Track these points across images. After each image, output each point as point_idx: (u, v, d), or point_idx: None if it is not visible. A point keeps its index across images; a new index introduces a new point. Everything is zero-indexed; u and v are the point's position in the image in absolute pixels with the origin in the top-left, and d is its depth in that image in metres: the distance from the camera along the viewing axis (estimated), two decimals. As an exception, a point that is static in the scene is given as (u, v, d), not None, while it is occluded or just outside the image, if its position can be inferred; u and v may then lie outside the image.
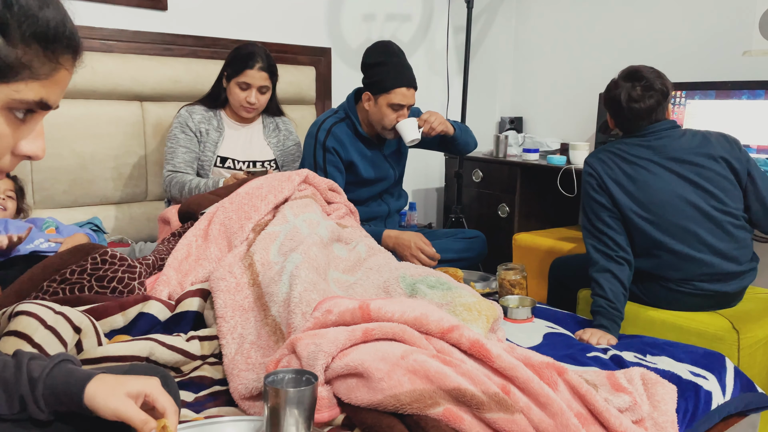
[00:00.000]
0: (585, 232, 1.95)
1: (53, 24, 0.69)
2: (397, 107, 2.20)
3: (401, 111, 2.22)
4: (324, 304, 1.21)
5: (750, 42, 2.65)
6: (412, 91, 2.22)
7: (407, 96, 2.20)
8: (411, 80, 2.22)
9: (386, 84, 2.19)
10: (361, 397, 1.02)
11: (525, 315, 1.81)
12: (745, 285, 1.91)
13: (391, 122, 2.22)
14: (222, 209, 1.80)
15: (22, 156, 0.75)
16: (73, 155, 2.30)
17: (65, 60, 0.71)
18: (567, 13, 3.31)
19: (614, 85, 1.95)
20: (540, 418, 1.01)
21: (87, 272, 1.48)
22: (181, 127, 2.28)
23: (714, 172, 1.86)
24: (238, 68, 2.23)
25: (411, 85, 2.22)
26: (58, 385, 0.84)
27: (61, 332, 1.18)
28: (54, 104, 0.73)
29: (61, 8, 0.70)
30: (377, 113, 2.24)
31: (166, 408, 0.86)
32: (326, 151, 2.26)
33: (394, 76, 2.19)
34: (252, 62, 2.22)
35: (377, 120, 2.26)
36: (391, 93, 2.18)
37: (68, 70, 0.72)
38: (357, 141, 2.33)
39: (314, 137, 2.28)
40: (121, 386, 0.84)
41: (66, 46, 0.71)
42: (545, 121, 3.49)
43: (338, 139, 2.28)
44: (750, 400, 1.52)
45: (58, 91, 0.73)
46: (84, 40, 2.47)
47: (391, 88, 2.18)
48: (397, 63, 2.21)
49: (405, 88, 2.19)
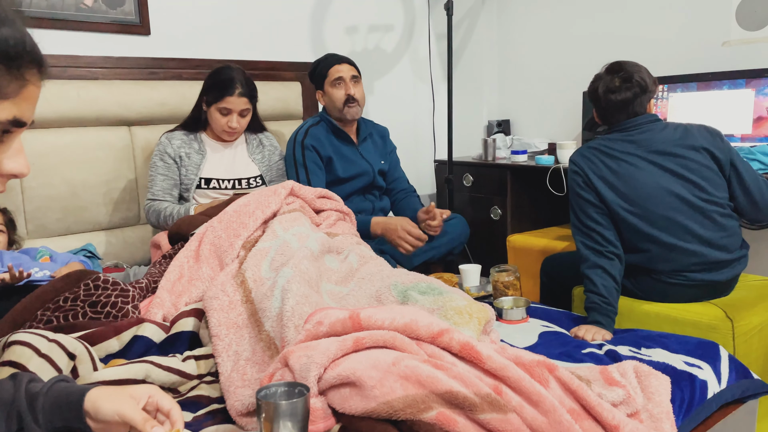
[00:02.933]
0: (574, 229, 1.97)
1: (12, 42, 0.69)
2: (337, 82, 2.43)
3: (345, 84, 2.42)
4: (315, 316, 1.22)
5: (729, 32, 2.68)
6: (346, 65, 2.46)
7: (341, 69, 2.44)
8: (341, 58, 2.47)
9: (323, 71, 2.47)
10: (355, 406, 1.03)
11: (520, 315, 1.82)
12: (737, 273, 1.92)
13: (340, 99, 2.43)
14: (211, 229, 1.81)
15: (8, 175, 0.76)
16: (64, 183, 2.32)
17: (31, 75, 0.72)
18: (547, 15, 3.34)
19: (596, 78, 1.99)
20: (533, 416, 1.02)
21: (80, 299, 1.49)
22: (160, 154, 2.30)
23: (697, 162, 1.88)
24: (217, 95, 2.25)
25: (343, 61, 2.46)
26: (58, 396, 0.85)
27: (56, 360, 1.19)
28: (28, 120, 0.74)
29: (18, 25, 0.71)
30: (330, 101, 2.46)
31: (172, 407, 0.88)
32: (305, 149, 2.40)
33: (325, 63, 2.48)
34: (232, 89, 2.24)
35: (333, 106, 2.45)
36: (328, 74, 2.45)
37: (35, 85, 0.73)
38: (333, 138, 2.48)
39: (294, 139, 2.45)
40: (123, 391, 0.86)
41: (29, 61, 0.72)
42: (532, 122, 3.51)
43: (315, 137, 2.44)
44: (746, 387, 1.53)
45: (30, 107, 0.74)
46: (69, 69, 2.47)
47: (327, 72, 2.46)
48: (328, 56, 2.51)
49: (337, 64, 2.45)
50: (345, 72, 2.43)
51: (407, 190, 2.68)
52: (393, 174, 2.67)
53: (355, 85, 2.44)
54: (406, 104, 3.60)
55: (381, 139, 2.65)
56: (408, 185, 2.69)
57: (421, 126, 3.68)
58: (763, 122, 2.44)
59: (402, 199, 2.65)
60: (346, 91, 2.42)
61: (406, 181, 2.71)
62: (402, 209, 2.62)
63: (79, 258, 2.07)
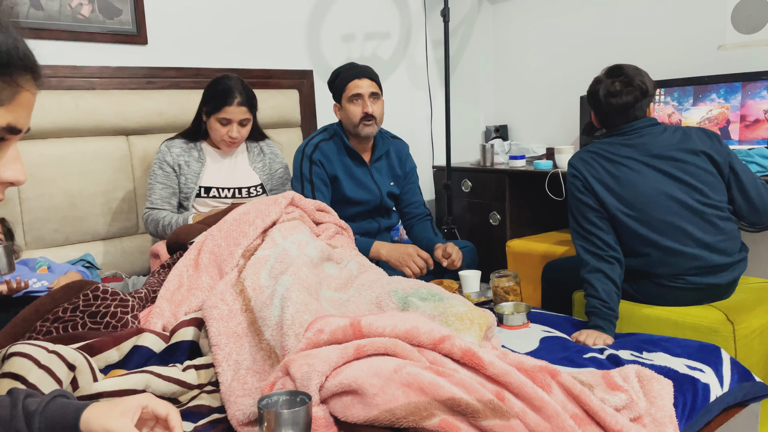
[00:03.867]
0: (573, 233, 1.96)
1: (5, 48, 0.69)
2: (355, 98, 2.29)
3: (363, 101, 2.28)
4: (315, 324, 1.22)
5: (724, 36, 2.69)
6: (366, 80, 2.30)
7: (362, 86, 2.28)
8: (362, 71, 2.31)
9: (341, 85, 2.32)
10: (357, 414, 1.03)
11: (520, 321, 1.81)
12: (737, 276, 1.92)
13: (357, 116, 2.29)
14: (211, 237, 1.81)
15: (5, 183, 0.76)
16: (62, 193, 2.31)
17: (25, 82, 0.72)
18: (543, 20, 3.36)
19: (596, 81, 1.99)
20: (536, 422, 1.01)
21: (79, 309, 1.49)
22: (159, 163, 2.30)
23: (696, 166, 1.88)
24: (216, 105, 2.24)
25: (363, 75, 2.30)
26: (54, 416, 0.85)
27: (56, 371, 1.18)
28: (23, 127, 0.74)
29: (12, 32, 0.71)
30: (346, 116, 2.33)
31: (169, 412, 0.87)
32: (312, 164, 2.31)
33: (345, 75, 2.32)
34: (230, 99, 2.23)
35: (349, 122, 2.32)
36: (347, 89, 2.29)
37: (30, 91, 0.73)
38: (345, 157, 2.37)
39: (302, 152, 2.35)
40: (115, 407, 0.86)
41: (22, 67, 0.71)
42: (530, 127, 3.52)
43: (324, 153, 2.34)
44: (748, 389, 1.52)
45: (25, 114, 0.73)
46: (67, 79, 2.47)
47: (345, 84, 2.30)
48: (349, 66, 2.35)
49: (357, 79, 2.29)
50: (364, 88, 2.27)
51: (422, 215, 2.53)
52: (409, 198, 2.53)
53: (374, 102, 2.29)
54: (404, 111, 3.61)
55: (398, 158, 2.50)
56: (423, 209, 2.54)
57: (419, 132, 3.69)
58: (759, 125, 2.44)
59: (416, 224, 2.51)
60: (363, 109, 2.27)
61: (423, 204, 2.55)
62: (414, 235, 2.49)
63: (78, 268, 2.07)
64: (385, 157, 2.46)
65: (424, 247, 2.32)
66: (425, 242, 2.38)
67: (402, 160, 2.52)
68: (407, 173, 2.53)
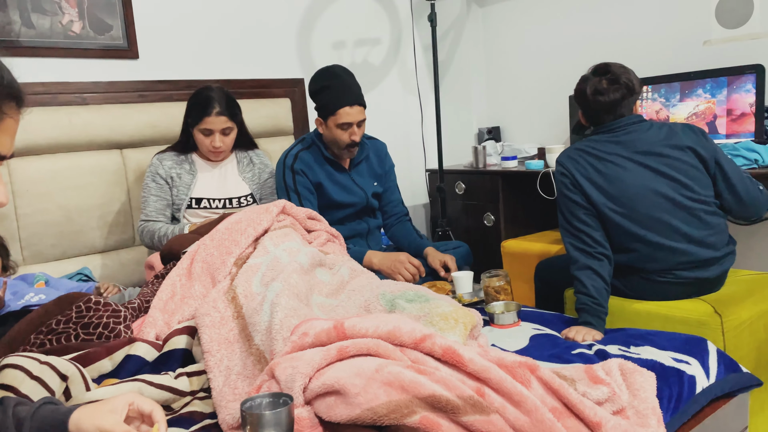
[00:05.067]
0: (563, 231, 1.98)
1: None
2: (345, 126, 2.26)
3: (351, 129, 2.27)
4: (300, 327, 1.24)
5: (709, 31, 2.71)
6: (357, 108, 2.26)
7: (352, 114, 2.25)
8: (354, 98, 2.26)
9: (330, 107, 2.25)
10: (340, 414, 1.05)
11: (511, 320, 1.83)
12: (725, 269, 1.93)
13: (344, 142, 2.29)
14: (203, 247, 1.83)
15: None
16: (59, 208, 2.34)
17: (9, 108, 0.75)
18: (532, 22, 3.38)
19: (583, 79, 2.01)
20: (516, 416, 1.03)
21: (72, 321, 1.51)
22: (152, 175, 2.33)
23: (682, 161, 1.90)
24: (197, 116, 2.26)
25: (354, 102, 2.25)
26: (44, 421, 0.88)
27: (48, 381, 1.21)
28: (7, 153, 0.77)
29: None
30: (330, 135, 2.31)
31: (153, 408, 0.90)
32: (295, 173, 2.32)
33: (336, 98, 2.24)
34: (209, 109, 2.24)
35: (332, 141, 2.32)
36: (337, 114, 2.24)
37: (13, 118, 0.76)
38: (325, 164, 2.39)
39: (282, 164, 2.36)
40: (103, 406, 0.89)
41: (6, 95, 0.74)
42: (522, 127, 3.54)
43: (305, 162, 2.35)
44: (735, 381, 1.53)
45: (8, 140, 0.76)
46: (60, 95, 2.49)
47: (335, 110, 2.24)
48: (338, 85, 2.26)
49: (348, 107, 2.24)
50: (354, 117, 2.25)
51: (399, 214, 2.56)
52: (388, 196, 2.55)
53: (359, 128, 2.29)
54: (396, 115, 3.64)
55: (377, 158, 2.52)
56: (401, 208, 2.57)
57: (412, 136, 3.72)
58: (745, 119, 2.46)
59: (394, 224, 2.54)
60: (350, 137, 2.27)
61: (401, 203, 2.59)
62: (397, 237, 2.51)
63: (75, 285, 2.08)
64: (364, 160, 2.48)
65: (413, 251, 2.34)
66: (413, 246, 2.40)
67: (381, 159, 2.54)
68: (387, 172, 2.55)
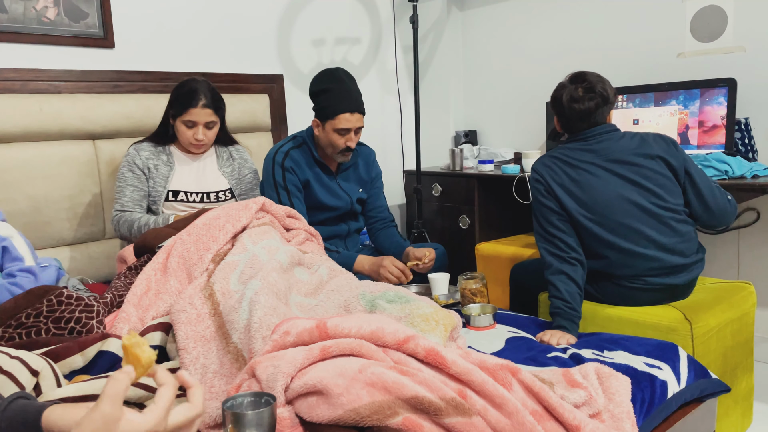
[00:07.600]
0: (537, 236, 2.01)
1: None
2: (343, 132, 2.26)
3: (348, 135, 2.27)
4: (282, 326, 1.23)
5: (683, 44, 2.78)
6: (357, 115, 2.26)
7: (351, 120, 2.24)
8: (355, 105, 2.25)
9: (330, 110, 2.24)
10: (322, 414, 1.04)
11: (487, 322, 1.85)
12: (695, 276, 1.98)
13: (340, 146, 2.28)
14: (180, 241, 1.80)
15: None
16: (26, 198, 2.28)
17: None
18: (511, 28, 3.42)
19: (560, 87, 2.04)
20: (497, 418, 1.04)
21: (43, 315, 1.47)
22: (128, 165, 2.28)
23: (652, 170, 1.94)
24: (181, 107, 2.23)
25: (355, 110, 2.25)
26: (15, 416, 0.85)
27: (18, 376, 1.17)
28: None
29: None
30: (326, 138, 2.30)
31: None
32: (285, 170, 2.31)
33: (337, 103, 2.23)
34: (195, 100, 2.22)
35: (327, 145, 2.31)
36: (336, 119, 2.23)
37: None
38: (314, 166, 2.38)
39: (272, 159, 2.34)
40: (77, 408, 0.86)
41: None
42: (498, 132, 3.58)
43: (295, 161, 2.34)
44: (705, 386, 1.58)
45: None
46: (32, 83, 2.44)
47: (334, 115, 2.23)
48: (340, 89, 2.25)
49: (349, 114, 2.23)
50: (353, 124, 2.25)
51: (386, 220, 2.56)
52: (374, 202, 2.55)
53: (356, 135, 2.29)
54: (375, 116, 3.63)
55: (365, 164, 2.51)
56: (387, 214, 2.57)
57: (390, 137, 3.72)
58: (717, 131, 2.53)
59: (380, 230, 2.54)
60: (347, 142, 2.27)
61: (386, 209, 2.59)
62: (380, 241, 2.52)
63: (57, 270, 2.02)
64: (352, 166, 2.48)
65: (398, 254, 2.34)
66: (398, 249, 2.40)
67: (369, 166, 2.54)
68: (373, 179, 2.55)
